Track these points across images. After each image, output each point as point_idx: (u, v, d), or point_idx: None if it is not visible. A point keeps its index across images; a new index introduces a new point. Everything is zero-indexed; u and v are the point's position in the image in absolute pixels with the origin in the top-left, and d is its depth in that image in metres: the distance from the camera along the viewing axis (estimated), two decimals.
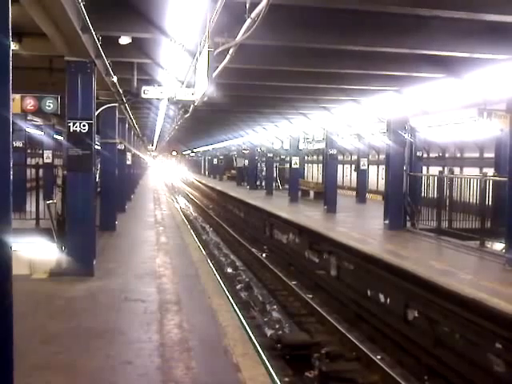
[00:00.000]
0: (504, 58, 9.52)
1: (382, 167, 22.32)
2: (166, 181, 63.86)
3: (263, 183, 36.00)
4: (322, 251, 15.23)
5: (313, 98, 16.52)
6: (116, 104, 13.87)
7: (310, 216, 19.77)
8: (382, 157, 24.66)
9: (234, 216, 29.90)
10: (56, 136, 21.80)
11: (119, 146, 17.43)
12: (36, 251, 10.01)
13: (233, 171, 48.79)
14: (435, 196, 15.04)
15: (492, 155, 17.89)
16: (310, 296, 13.08)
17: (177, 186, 60.54)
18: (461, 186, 14.34)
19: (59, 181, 10.11)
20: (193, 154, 75.44)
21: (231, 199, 31.16)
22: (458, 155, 24.64)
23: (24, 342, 6.02)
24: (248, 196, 28.94)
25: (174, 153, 70.41)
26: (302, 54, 10.50)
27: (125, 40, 9.35)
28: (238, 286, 14.52)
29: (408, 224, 15.91)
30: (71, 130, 9.13)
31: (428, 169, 23.39)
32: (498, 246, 12.22)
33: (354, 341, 9.80)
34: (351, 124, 22.02)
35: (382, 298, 11.34)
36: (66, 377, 5.25)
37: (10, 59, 2.86)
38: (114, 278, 9.24)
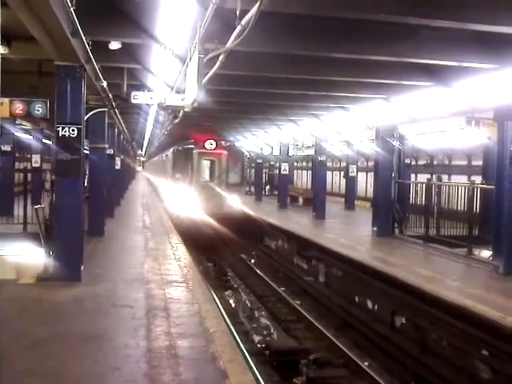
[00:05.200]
0: (491, 67, 9.61)
1: (371, 174, 22.38)
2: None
3: (252, 189, 35.98)
4: (311, 258, 15.25)
5: (302, 104, 16.57)
6: (105, 109, 13.84)
7: (298, 222, 19.80)
8: (371, 164, 24.73)
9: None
10: (45, 140, 21.74)
11: (108, 151, 17.37)
12: (23, 256, 9.95)
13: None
14: (423, 203, 15.12)
15: (480, 163, 18.03)
16: (298, 302, 13.08)
17: None
18: (449, 193, 14.44)
19: (47, 185, 10.06)
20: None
21: None
22: (446, 163, 24.77)
23: (10, 347, 5.98)
24: None
25: (210, 144, 22.75)
26: (291, 61, 10.54)
27: (115, 45, 9.34)
28: (227, 292, 14.51)
29: (396, 231, 15.98)
30: (60, 135, 9.10)
31: (416, 176, 23.51)
32: (486, 254, 12.31)
33: (342, 347, 9.81)
34: (340, 131, 22.10)
35: (369, 304, 11.37)
36: (52, 383, 5.22)
37: None
38: (101, 284, 9.19)
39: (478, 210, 13.32)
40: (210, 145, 22.49)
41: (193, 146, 22.90)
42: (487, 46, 9.03)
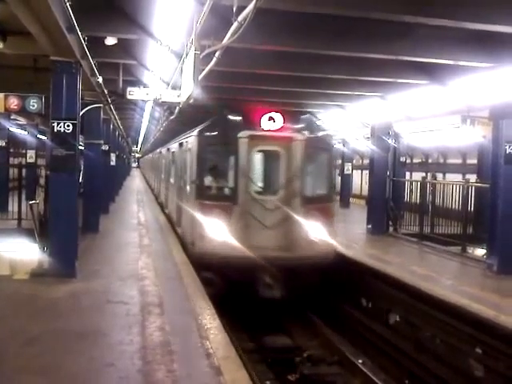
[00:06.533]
0: (487, 66, 9.63)
1: (366, 172, 22.44)
2: None
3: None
4: None
5: (298, 102, 16.57)
6: (101, 105, 13.80)
7: None
8: (366, 162, 24.77)
9: None
10: (40, 136, 21.66)
11: (103, 147, 17.32)
12: (17, 252, 9.93)
13: None
14: (418, 201, 15.16)
15: (475, 161, 18.09)
16: None
17: None
18: (443, 191, 14.48)
19: (42, 181, 10.04)
20: None
21: None
22: (441, 161, 24.83)
23: (5, 344, 5.99)
24: None
25: (272, 122, 11.29)
26: (288, 59, 10.52)
27: (111, 41, 9.32)
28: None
29: (391, 229, 16.02)
30: (55, 130, 9.07)
31: (411, 174, 23.55)
32: (480, 252, 12.36)
33: (336, 344, 9.82)
34: (336, 129, 22.11)
35: (364, 302, 11.38)
36: (47, 379, 5.20)
37: None
38: (96, 280, 9.17)
39: (472, 209, 13.37)
40: (270, 123, 11.41)
41: (236, 125, 11.61)
42: (483, 44, 9.04)
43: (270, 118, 11.34)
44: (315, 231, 11.26)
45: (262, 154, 11.91)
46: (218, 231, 10.87)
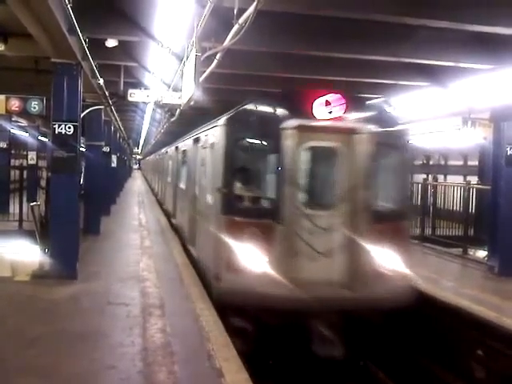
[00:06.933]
0: (488, 68, 9.64)
1: None
2: None
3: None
4: None
5: None
6: (102, 106, 13.82)
7: None
8: None
9: None
10: (41, 137, 21.69)
11: (104, 149, 17.34)
12: (18, 253, 9.93)
13: None
14: (419, 203, 15.15)
15: (476, 163, 18.07)
16: None
17: None
18: (444, 193, 14.47)
19: (43, 183, 10.05)
20: None
21: None
22: (443, 163, 24.82)
23: (5, 345, 5.98)
24: None
25: (331, 107, 7.99)
26: (289, 60, 10.54)
27: (112, 43, 9.34)
28: None
29: None
30: (56, 132, 9.07)
31: (412, 176, 23.52)
32: (481, 254, 12.35)
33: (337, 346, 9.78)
34: None
35: None
36: (48, 380, 5.20)
37: None
38: (97, 282, 9.16)
39: (473, 210, 13.35)
40: (327, 109, 8.15)
41: (280, 112, 8.33)
42: (484, 46, 9.06)
43: (327, 103, 8.16)
44: (388, 260, 8.24)
45: (314, 152, 8.46)
46: (253, 260, 7.95)
